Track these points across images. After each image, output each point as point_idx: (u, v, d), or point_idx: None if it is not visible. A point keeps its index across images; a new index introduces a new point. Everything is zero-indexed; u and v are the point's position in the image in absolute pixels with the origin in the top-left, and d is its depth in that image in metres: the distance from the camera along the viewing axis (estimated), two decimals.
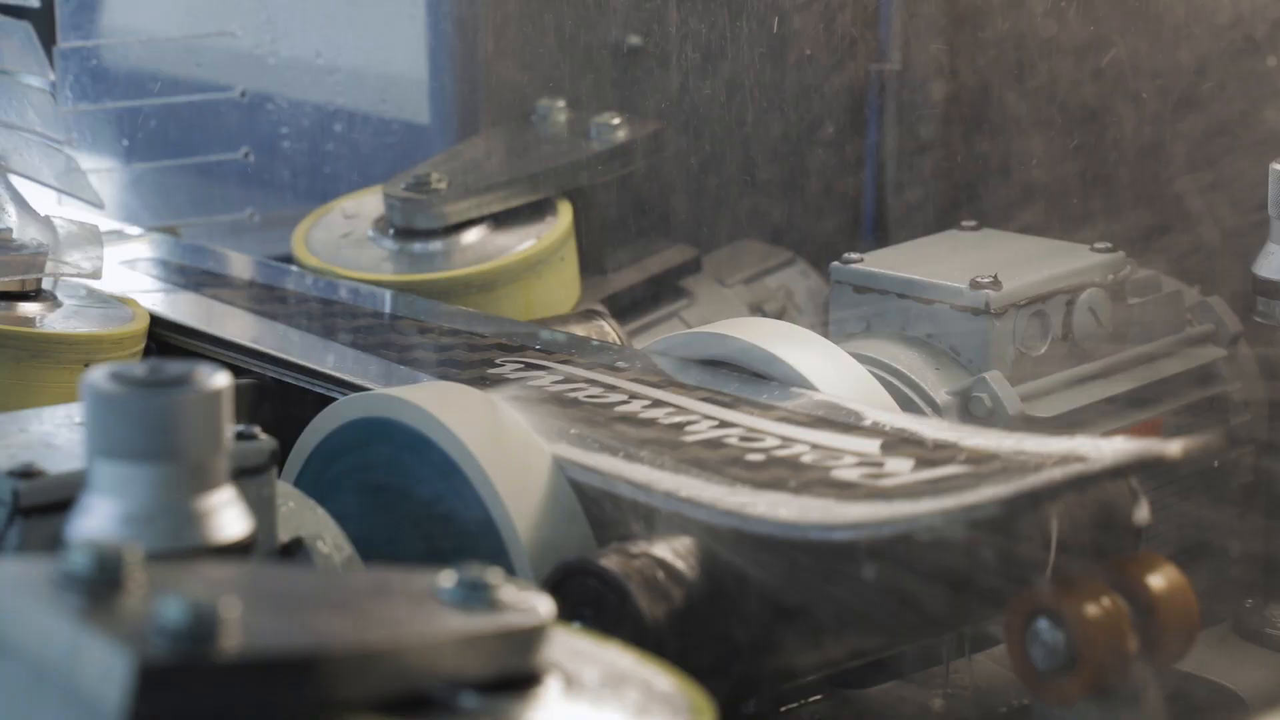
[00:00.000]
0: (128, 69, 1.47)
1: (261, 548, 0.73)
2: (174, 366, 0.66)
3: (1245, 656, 1.05)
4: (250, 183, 1.44)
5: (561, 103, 1.35)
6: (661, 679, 0.63)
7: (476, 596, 0.60)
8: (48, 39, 1.23)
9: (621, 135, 1.32)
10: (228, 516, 0.67)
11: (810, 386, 0.95)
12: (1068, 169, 1.37)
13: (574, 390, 0.94)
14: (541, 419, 0.89)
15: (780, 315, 1.34)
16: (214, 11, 1.44)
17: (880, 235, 1.43)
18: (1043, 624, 0.77)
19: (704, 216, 1.43)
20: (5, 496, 0.74)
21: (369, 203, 1.30)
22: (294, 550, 0.79)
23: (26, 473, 0.74)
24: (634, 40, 1.40)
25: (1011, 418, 1.02)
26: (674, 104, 1.41)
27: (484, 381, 0.96)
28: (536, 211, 1.27)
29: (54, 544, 0.70)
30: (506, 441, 0.87)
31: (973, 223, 1.18)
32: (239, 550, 0.66)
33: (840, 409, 0.92)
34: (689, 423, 0.89)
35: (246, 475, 0.74)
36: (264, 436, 0.77)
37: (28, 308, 1.05)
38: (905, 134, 1.43)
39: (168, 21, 1.48)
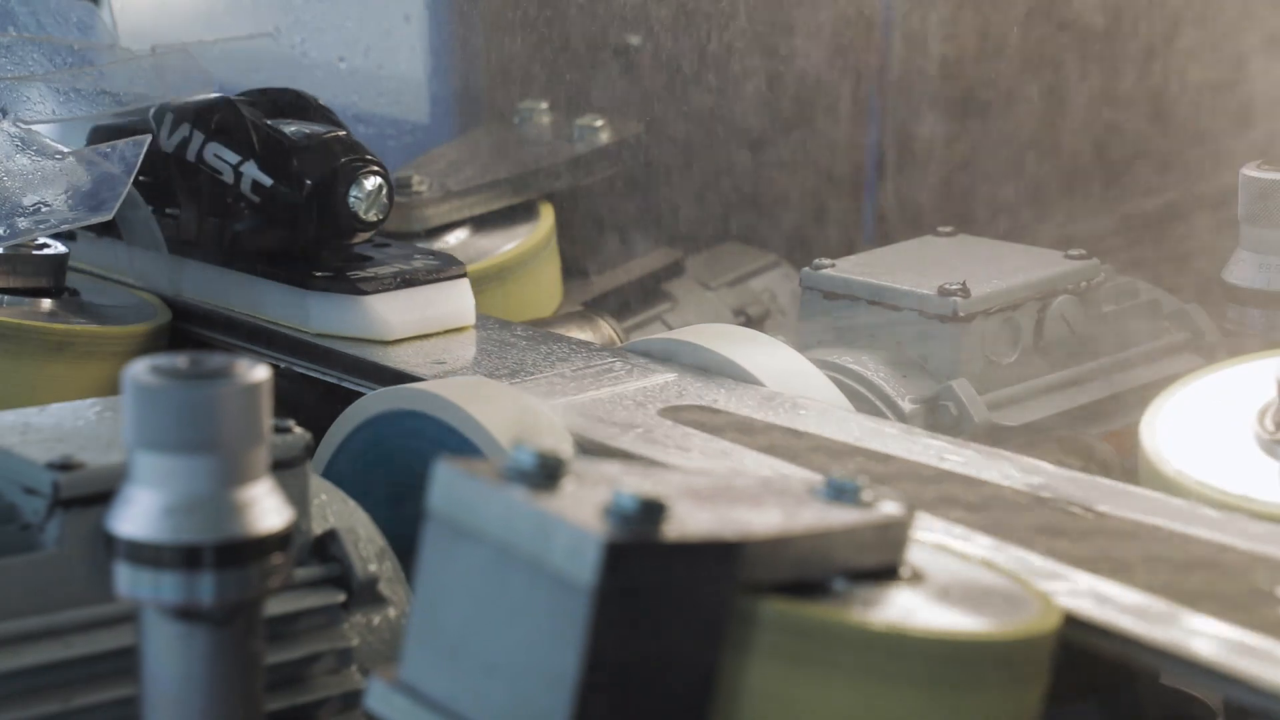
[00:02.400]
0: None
1: (297, 540, 0.77)
2: (215, 360, 0.70)
3: None
4: None
5: (544, 104, 1.41)
6: (1010, 583, 0.73)
7: (847, 497, 0.72)
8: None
9: (604, 137, 1.38)
10: (267, 507, 0.70)
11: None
12: (1064, 174, 1.42)
13: None
14: None
15: (763, 318, 1.40)
16: (222, 13, 1.52)
17: (881, 240, 1.47)
18: None
19: (690, 219, 1.49)
20: (45, 489, 0.78)
21: None
22: (329, 542, 0.85)
23: (66, 465, 0.78)
24: (632, 41, 1.47)
25: (977, 426, 1.06)
26: (676, 106, 1.47)
27: None
28: (518, 214, 1.34)
29: (94, 537, 0.76)
30: (535, 434, 0.91)
31: (949, 228, 1.22)
32: (279, 541, 0.70)
33: (796, 405, 0.96)
34: None
35: (282, 468, 0.79)
36: (299, 430, 0.82)
37: (51, 304, 1.12)
38: (905, 137, 1.48)
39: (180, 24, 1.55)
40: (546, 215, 1.35)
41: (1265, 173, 1.14)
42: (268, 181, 1.10)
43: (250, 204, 1.11)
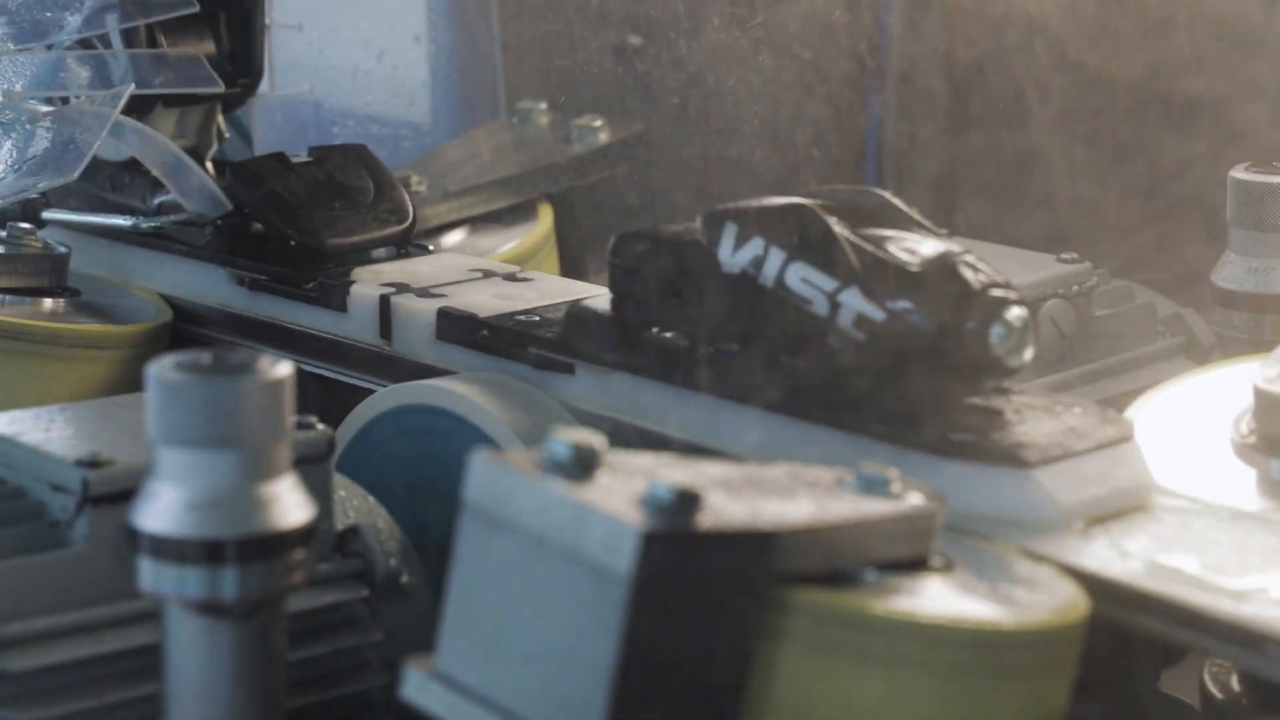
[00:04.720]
0: None
1: (319, 535, 0.78)
2: (238, 356, 0.71)
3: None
4: None
5: (543, 104, 1.44)
6: (1040, 573, 0.76)
7: (878, 489, 0.75)
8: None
9: (603, 137, 1.41)
10: (290, 503, 0.72)
11: None
12: (1066, 176, 1.45)
13: None
14: None
15: None
16: None
17: None
18: None
19: (688, 218, 1.54)
20: (74, 486, 0.80)
21: None
22: (351, 538, 0.87)
23: (94, 462, 0.80)
24: (634, 40, 1.50)
25: None
26: (679, 105, 1.50)
27: None
28: (517, 214, 1.36)
29: (123, 533, 0.77)
30: (550, 428, 0.92)
31: (942, 231, 1.20)
32: (302, 536, 0.72)
33: None
34: None
35: (305, 464, 0.80)
36: (321, 426, 0.85)
37: (53, 303, 1.15)
38: (905, 136, 1.50)
39: None
40: (545, 216, 1.37)
41: (1254, 175, 1.16)
42: (878, 315, 0.86)
43: (851, 342, 0.88)
